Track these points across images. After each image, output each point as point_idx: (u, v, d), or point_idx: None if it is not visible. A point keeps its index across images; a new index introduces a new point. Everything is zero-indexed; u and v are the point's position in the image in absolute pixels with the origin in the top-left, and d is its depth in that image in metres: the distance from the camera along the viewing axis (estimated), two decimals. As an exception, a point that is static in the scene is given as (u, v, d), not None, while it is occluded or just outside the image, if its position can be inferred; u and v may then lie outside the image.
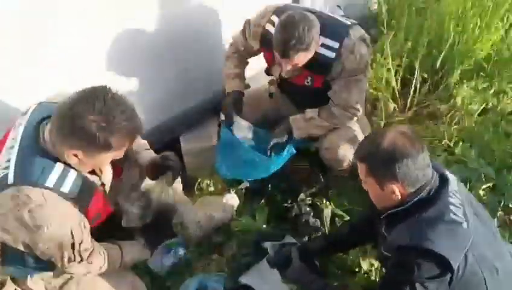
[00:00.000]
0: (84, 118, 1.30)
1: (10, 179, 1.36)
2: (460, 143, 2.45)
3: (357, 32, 2.15)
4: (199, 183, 2.53)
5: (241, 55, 2.48)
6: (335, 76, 2.17)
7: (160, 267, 2.09)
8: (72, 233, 1.43)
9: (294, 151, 2.27)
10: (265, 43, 2.22)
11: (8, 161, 1.40)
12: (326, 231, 2.27)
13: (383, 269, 1.86)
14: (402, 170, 1.41)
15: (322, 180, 2.56)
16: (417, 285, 1.38)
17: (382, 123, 2.92)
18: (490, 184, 2.36)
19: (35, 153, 1.40)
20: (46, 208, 1.37)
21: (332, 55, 2.10)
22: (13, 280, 1.67)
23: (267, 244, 1.95)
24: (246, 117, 2.51)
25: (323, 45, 2.09)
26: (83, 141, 1.34)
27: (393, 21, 3.31)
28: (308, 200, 2.39)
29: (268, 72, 2.49)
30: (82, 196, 1.47)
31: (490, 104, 3.03)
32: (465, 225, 1.41)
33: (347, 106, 2.24)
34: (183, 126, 2.73)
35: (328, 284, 1.72)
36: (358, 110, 2.28)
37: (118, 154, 1.46)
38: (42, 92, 1.67)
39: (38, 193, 1.37)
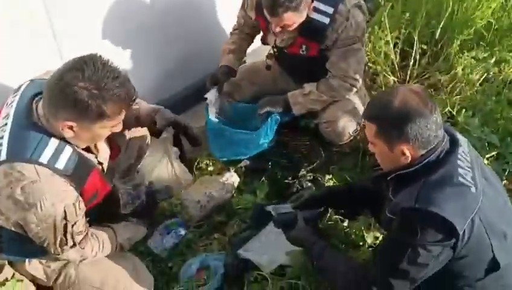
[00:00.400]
0: (74, 86, 1.25)
1: (3, 156, 1.32)
2: (463, 111, 2.39)
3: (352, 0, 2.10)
4: (198, 164, 2.48)
5: (243, 31, 2.46)
6: (330, 45, 2.13)
7: (161, 248, 2.06)
8: (65, 213, 1.38)
9: (278, 118, 2.26)
10: (261, 11, 2.17)
11: (1, 138, 1.35)
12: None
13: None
14: (414, 130, 1.34)
15: (323, 155, 2.52)
16: (419, 249, 1.32)
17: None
18: (494, 153, 2.32)
19: (29, 128, 1.35)
20: (39, 184, 1.32)
21: (326, 20, 2.06)
22: (11, 264, 1.62)
23: (270, 208, 1.90)
24: (243, 91, 2.52)
25: (316, 10, 2.06)
26: (75, 111, 1.29)
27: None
28: (309, 176, 2.35)
29: (264, 41, 2.44)
30: (78, 173, 1.41)
31: (491, 74, 2.98)
32: (473, 189, 1.36)
33: (345, 77, 2.20)
34: (180, 106, 2.68)
35: (327, 247, 1.66)
36: (358, 81, 2.24)
37: (114, 124, 1.40)
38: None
39: (32, 169, 1.32)
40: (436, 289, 1.48)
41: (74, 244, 1.48)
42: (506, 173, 2.29)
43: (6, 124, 1.37)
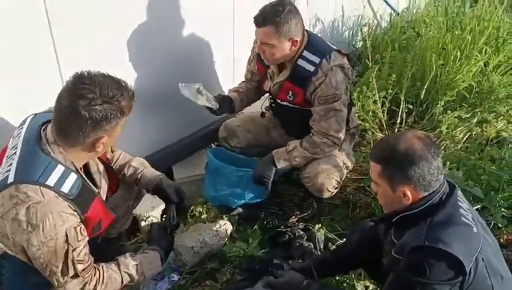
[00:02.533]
0: (97, 108, 1.38)
1: (10, 178, 1.37)
2: (447, 164, 2.49)
3: (338, 58, 2.25)
4: (192, 211, 2.54)
5: (249, 82, 2.61)
6: (310, 94, 2.26)
7: (154, 293, 2.07)
8: (67, 236, 1.40)
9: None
10: (260, 59, 2.36)
11: (10, 165, 1.41)
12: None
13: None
14: (417, 174, 1.41)
15: (315, 206, 2.58)
16: (428, 287, 1.36)
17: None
18: (479, 206, 2.40)
19: (38, 154, 1.42)
20: (43, 205, 1.36)
21: (311, 68, 2.22)
22: None
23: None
24: (238, 138, 2.63)
25: (304, 58, 2.22)
26: (107, 125, 1.42)
27: (378, 56, 3.45)
28: (301, 225, 2.40)
29: (261, 87, 2.57)
30: (81, 199, 1.47)
31: (474, 133, 3.14)
32: (475, 229, 1.42)
33: (326, 134, 2.30)
34: (175, 156, 2.78)
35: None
36: (339, 138, 2.34)
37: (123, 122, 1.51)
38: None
39: (37, 190, 1.37)
40: None
41: (76, 274, 1.48)
42: (491, 225, 2.36)
43: (15, 153, 1.44)
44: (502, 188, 2.47)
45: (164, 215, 2.12)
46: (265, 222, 2.47)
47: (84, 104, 1.36)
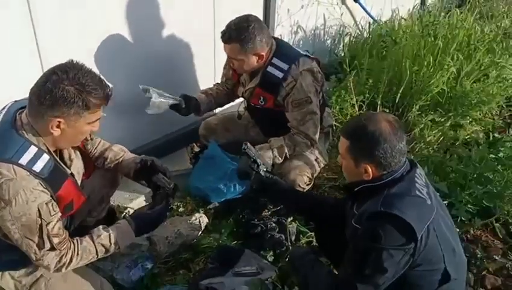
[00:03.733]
0: (61, 85, 1.45)
1: None
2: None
3: (306, 63, 2.37)
4: (170, 205, 2.61)
5: (223, 85, 2.70)
6: (281, 100, 2.37)
7: (128, 280, 2.13)
8: (39, 211, 1.48)
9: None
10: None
11: None
12: (290, 246, 2.34)
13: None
14: (380, 154, 1.52)
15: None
16: (383, 253, 1.44)
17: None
18: (446, 202, 2.49)
19: (12, 135, 1.51)
20: (15, 182, 1.44)
21: (280, 75, 2.33)
22: None
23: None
24: (217, 136, 2.75)
25: (273, 65, 2.33)
26: (63, 106, 1.46)
27: (356, 62, 3.58)
28: (274, 219, 2.48)
29: (235, 92, 2.68)
30: (53, 178, 1.55)
31: (447, 136, 3.25)
32: (428, 201, 1.52)
33: (306, 136, 2.41)
34: (157, 153, 2.86)
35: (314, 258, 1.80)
36: (315, 140, 2.46)
37: (94, 119, 1.57)
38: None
39: (10, 168, 1.45)
40: None
41: (53, 247, 1.56)
42: (458, 219, 2.46)
43: None
44: (467, 186, 2.57)
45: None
46: (240, 216, 2.55)
47: (53, 79, 1.45)
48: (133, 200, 2.52)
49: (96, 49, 2.35)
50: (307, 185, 2.50)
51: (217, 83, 2.76)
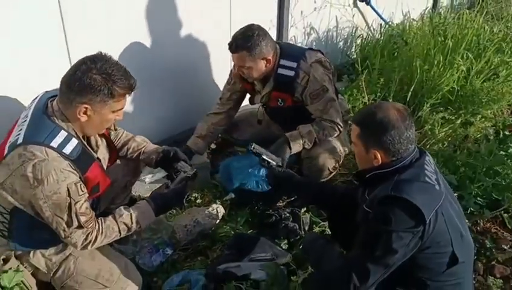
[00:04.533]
0: (89, 73, 1.58)
1: (20, 140, 1.59)
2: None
3: (313, 55, 2.49)
4: (188, 196, 2.73)
5: (228, 100, 2.78)
6: (299, 96, 2.49)
7: (149, 265, 2.24)
8: (68, 191, 1.60)
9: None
10: (243, 79, 2.59)
11: (20, 130, 1.62)
12: (303, 235, 2.43)
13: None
14: (388, 140, 1.59)
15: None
16: (393, 235, 1.49)
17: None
18: (456, 194, 2.56)
19: (44, 120, 1.64)
20: (47, 163, 1.56)
21: (291, 73, 2.44)
22: (16, 257, 1.81)
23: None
24: (241, 132, 2.92)
25: (282, 66, 2.45)
26: (91, 93, 1.60)
27: (368, 62, 3.67)
28: (288, 209, 2.57)
29: (252, 102, 2.81)
30: (81, 161, 1.68)
31: (458, 133, 3.31)
32: (437, 187, 1.59)
33: (333, 122, 2.52)
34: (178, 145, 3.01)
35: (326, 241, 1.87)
36: (341, 125, 2.56)
37: (119, 107, 1.69)
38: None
39: (42, 150, 1.57)
40: (404, 281, 1.64)
41: (80, 225, 1.67)
42: (468, 211, 2.53)
43: (25, 121, 1.65)
44: (476, 179, 2.63)
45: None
46: (255, 208, 2.66)
47: (83, 68, 1.59)
48: (152, 190, 2.63)
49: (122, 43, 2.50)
50: (334, 169, 2.61)
51: (220, 100, 2.80)
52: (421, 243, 1.55)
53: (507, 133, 3.32)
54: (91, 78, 1.59)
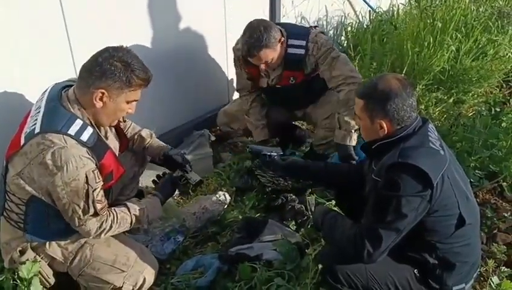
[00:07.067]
0: (110, 60, 1.64)
1: (37, 129, 1.61)
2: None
3: (316, 30, 2.62)
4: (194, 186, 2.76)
5: (251, 92, 2.85)
6: (311, 68, 2.58)
7: (161, 253, 2.28)
8: (87, 178, 1.62)
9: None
10: (247, 62, 2.62)
11: (35, 120, 1.64)
12: (310, 216, 2.48)
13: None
14: (392, 108, 1.64)
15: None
16: (402, 200, 1.55)
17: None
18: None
19: (60, 110, 1.66)
20: (66, 150, 1.58)
21: (302, 51, 2.53)
22: (32, 249, 1.82)
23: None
24: (241, 122, 2.96)
25: (292, 46, 2.52)
26: (109, 80, 1.64)
27: (359, 47, 3.74)
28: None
29: (257, 86, 2.83)
30: (97, 148, 1.70)
31: (451, 112, 3.40)
32: (442, 152, 1.65)
33: (345, 79, 2.55)
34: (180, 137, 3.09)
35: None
36: (356, 77, 2.60)
37: (133, 98, 1.74)
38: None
39: (61, 138, 1.60)
40: (414, 245, 1.70)
41: (96, 213, 1.70)
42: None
43: (39, 112, 1.67)
44: (474, 152, 2.71)
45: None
46: (261, 194, 2.69)
47: (105, 55, 1.65)
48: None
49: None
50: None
51: (243, 91, 2.89)
52: (429, 207, 1.60)
53: (498, 109, 3.43)
54: (112, 64, 1.64)
